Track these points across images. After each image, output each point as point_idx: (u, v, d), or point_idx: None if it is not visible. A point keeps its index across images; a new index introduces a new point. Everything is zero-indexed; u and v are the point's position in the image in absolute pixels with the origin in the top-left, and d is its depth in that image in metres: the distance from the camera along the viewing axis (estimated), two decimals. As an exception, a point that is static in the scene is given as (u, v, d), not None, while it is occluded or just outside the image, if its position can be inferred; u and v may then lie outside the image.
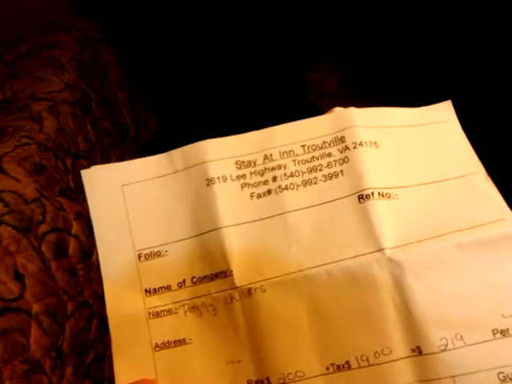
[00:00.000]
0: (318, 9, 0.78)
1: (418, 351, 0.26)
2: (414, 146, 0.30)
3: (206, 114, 0.79)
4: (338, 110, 0.30)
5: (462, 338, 0.25)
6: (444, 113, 0.31)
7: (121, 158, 0.63)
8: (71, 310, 0.39)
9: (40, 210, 0.41)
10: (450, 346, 0.25)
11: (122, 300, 0.29)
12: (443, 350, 0.25)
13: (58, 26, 0.71)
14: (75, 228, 0.44)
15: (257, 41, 0.81)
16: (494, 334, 0.25)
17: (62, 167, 0.47)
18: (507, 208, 0.27)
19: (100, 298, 0.43)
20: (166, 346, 0.28)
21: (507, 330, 0.25)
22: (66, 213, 0.44)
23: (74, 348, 0.38)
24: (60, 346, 0.36)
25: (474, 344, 0.25)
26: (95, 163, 0.53)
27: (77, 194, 0.47)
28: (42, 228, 0.40)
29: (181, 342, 0.28)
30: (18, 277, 0.35)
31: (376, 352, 0.26)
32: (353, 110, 0.30)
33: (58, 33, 0.68)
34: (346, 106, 0.31)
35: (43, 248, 0.39)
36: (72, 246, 0.43)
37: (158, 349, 0.28)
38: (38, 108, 0.51)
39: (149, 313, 0.29)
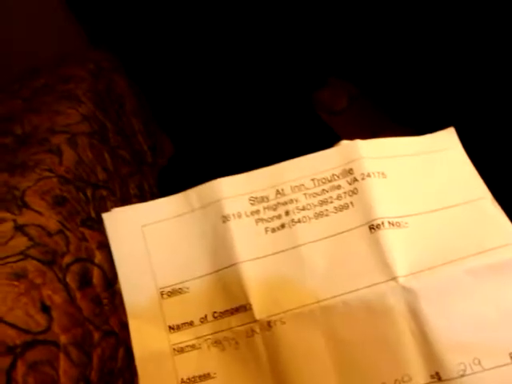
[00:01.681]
0: (324, 27, 0.79)
1: (437, 377, 0.26)
2: (420, 174, 0.31)
3: (218, 133, 0.80)
4: (344, 142, 0.31)
5: (479, 362, 0.25)
6: (448, 140, 0.32)
7: (139, 186, 0.63)
8: (97, 340, 0.40)
9: (63, 242, 0.41)
10: (469, 370, 0.25)
11: (147, 338, 0.30)
12: (462, 375, 0.25)
13: (72, 59, 0.73)
14: (98, 257, 0.45)
15: (266, 62, 0.82)
16: (511, 357, 0.25)
17: (82, 198, 0.48)
18: None
19: (125, 325, 0.44)
20: (191, 381, 0.29)
21: None
22: (88, 243, 0.45)
23: (101, 377, 0.38)
24: (88, 376, 0.37)
25: (492, 368, 0.25)
26: (114, 192, 0.54)
27: (98, 223, 0.48)
28: (66, 259, 0.41)
29: (206, 377, 0.29)
30: (45, 309, 0.36)
31: (396, 380, 0.26)
32: (359, 142, 0.31)
33: (73, 66, 0.69)
34: (357, 122, 0.32)
35: (68, 279, 0.40)
36: (96, 275, 0.43)
37: None
38: (57, 141, 0.52)
39: (174, 349, 0.29)
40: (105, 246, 0.46)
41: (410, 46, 0.69)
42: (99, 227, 0.47)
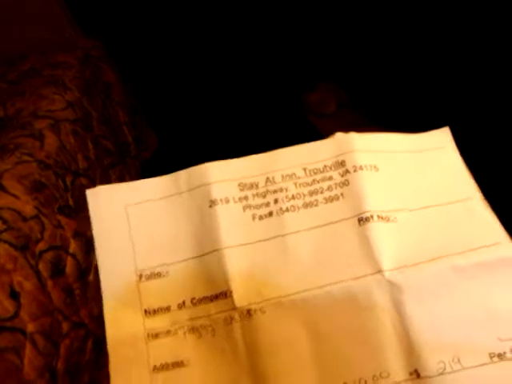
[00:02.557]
0: (316, 29, 0.79)
1: (415, 374, 0.26)
2: (412, 170, 0.31)
3: (205, 132, 0.79)
4: (338, 134, 0.31)
5: (459, 361, 0.25)
6: (442, 139, 0.32)
7: (120, 177, 0.63)
8: (66, 330, 0.39)
9: (38, 228, 0.40)
10: (448, 369, 0.25)
11: (121, 320, 0.29)
12: (441, 374, 0.25)
13: (61, 46, 0.72)
14: (73, 246, 0.44)
15: (255, 60, 0.82)
16: (491, 357, 0.25)
17: (61, 185, 0.47)
18: (503, 231, 0.28)
19: (96, 318, 0.43)
20: (164, 367, 0.28)
21: (504, 353, 0.25)
22: (64, 231, 0.44)
23: (68, 369, 0.37)
24: (54, 367, 0.36)
25: (472, 367, 0.25)
26: (95, 181, 0.53)
27: (75, 212, 0.47)
28: (40, 246, 0.40)
29: (179, 364, 0.28)
30: (14, 295, 0.35)
31: (374, 375, 0.26)
32: (353, 134, 0.30)
33: (61, 52, 0.68)
34: (346, 126, 0.32)
35: (40, 266, 0.39)
36: (69, 264, 0.43)
37: (156, 371, 0.28)
38: (40, 126, 0.51)
39: (148, 334, 0.28)
40: (80, 235, 0.45)
41: (401, 53, 0.69)
42: (76, 216, 0.46)
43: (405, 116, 0.65)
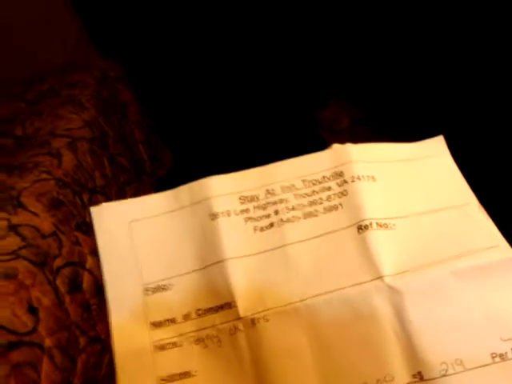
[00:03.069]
0: (329, 46, 0.80)
1: (419, 377, 0.26)
2: (409, 178, 0.31)
3: (218, 150, 0.80)
4: (336, 146, 0.32)
5: (461, 362, 0.26)
6: (437, 147, 0.33)
7: (136, 194, 0.63)
8: (83, 345, 0.39)
9: (56, 244, 0.41)
10: (451, 370, 0.25)
11: (128, 333, 0.29)
12: (444, 375, 0.26)
13: (79, 66, 0.73)
14: (90, 262, 0.44)
15: (268, 77, 0.82)
16: (492, 357, 0.26)
17: (78, 202, 0.48)
18: (500, 235, 0.28)
19: (112, 333, 0.43)
20: (171, 379, 0.28)
21: (506, 353, 0.26)
22: (81, 247, 0.44)
23: (84, 383, 0.38)
24: (71, 382, 0.36)
25: (474, 368, 0.26)
26: (111, 199, 0.54)
27: (92, 229, 0.47)
28: (58, 262, 0.40)
29: (186, 375, 0.28)
30: (33, 310, 0.35)
31: (378, 380, 0.26)
32: (350, 145, 0.31)
33: (79, 72, 0.70)
34: (358, 142, 0.32)
35: (58, 282, 0.39)
36: (86, 280, 0.43)
37: (163, 382, 0.28)
38: (58, 144, 0.52)
39: (154, 346, 0.29)
40: (97, 251, 0.45)
41: (415, 70, 0.70)
42: (93, 233, 0.46)
43: (418, 131, 0.65)
